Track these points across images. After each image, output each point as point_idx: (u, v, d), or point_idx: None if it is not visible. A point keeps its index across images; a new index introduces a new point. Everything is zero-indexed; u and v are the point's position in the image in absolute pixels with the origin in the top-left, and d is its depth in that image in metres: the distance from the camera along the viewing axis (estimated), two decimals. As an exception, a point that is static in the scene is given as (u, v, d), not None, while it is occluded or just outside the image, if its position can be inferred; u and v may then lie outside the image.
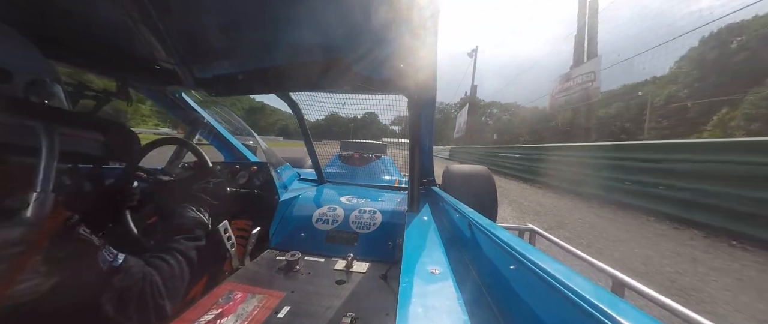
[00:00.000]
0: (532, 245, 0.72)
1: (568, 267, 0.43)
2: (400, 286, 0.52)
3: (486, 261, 0.66)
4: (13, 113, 0.48)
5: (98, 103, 0.99)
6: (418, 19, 0.72)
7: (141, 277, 0.61)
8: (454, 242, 0.87)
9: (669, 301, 0.85)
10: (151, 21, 0.75)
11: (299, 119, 1.64)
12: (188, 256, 0.76)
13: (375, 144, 3.86)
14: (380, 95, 1.29)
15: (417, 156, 1.15)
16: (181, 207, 0.87)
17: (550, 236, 1.54)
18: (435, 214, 1.15)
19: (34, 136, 0.48)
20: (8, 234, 0.43)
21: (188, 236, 0.80)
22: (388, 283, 0.91)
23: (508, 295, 0.53)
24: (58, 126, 0.52)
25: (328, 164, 3.03)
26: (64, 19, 0.79)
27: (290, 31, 0.83)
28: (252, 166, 1.46)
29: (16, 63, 0.53)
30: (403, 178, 2.73)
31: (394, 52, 0.88)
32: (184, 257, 0.74)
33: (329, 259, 1.08)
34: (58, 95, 0.61)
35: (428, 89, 1.06)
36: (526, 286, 0.47)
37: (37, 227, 0.46)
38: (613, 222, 4.12)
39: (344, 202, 1.44)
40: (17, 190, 0.47)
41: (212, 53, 0.98)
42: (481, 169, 2.06)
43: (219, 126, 1.71)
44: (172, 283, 0.69)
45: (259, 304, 0.78)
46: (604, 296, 0.34)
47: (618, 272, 1.05)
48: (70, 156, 0.59)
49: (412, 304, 0.47)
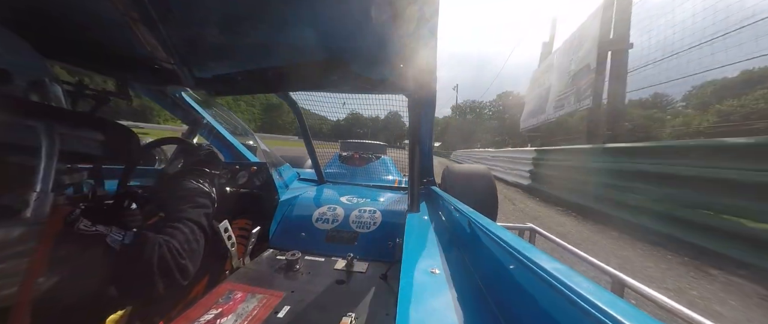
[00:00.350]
0: (532, 245, 0.72)
1: (569, 266, 0.43)
2: (400, 286, 0.52)
3: (486, 260, 0.66)
4: (13, 113, 0.48)
5: (98, 103, 0.99)
6: (418, 19, 0.72)
7: (157, 244, 0.62)
8: (454, 242, 0.87)
9: (669, 301, 0.86)
10: (151, 21, 0.75)
11: (299, 119, 1.64)
12: (198, 221, 0.76)
13: (375, 144, 3.87)
14: (380, 95, 1.29)
15: (417, 156, 1.15)
16: (180, 182, 0.86)
17: (550, 236, 1.54)
18: (435, 214, 1.15)
19: (34, 135, 0.48)
20: (8, 234, 0.43)
21: (192, 205, 0.79)
22: (388, 282, 0.91)
23: (508, 295, 0.53)
24: (58, 126, 0.52)
25: (328, 164, 3.03)
26: (64, 19, 0.79)
27: (290, 31, 0.83)
28: (252, 166, 1.46)
29: (15, 63, 0.53)
30: (403, 178, 2.73)
31: (394, 52, 0.88)
32: (194, 223, 0.74)
33: (329, 258, 1.08)
34: (58, 95, 0.61)
35: (428, 89, 1.06)
36: (526, 285, 0.47)
37: (37, 226, 0.46)
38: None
39: (344, 202, 1.44)
40: (17, 189, 0.47)
41: (212, 53, 0.98)
42: (481, 169, 2.06)
43: (219, 126, 1.71)
44: (188, 245, 0.69)
45: (259, 303, 0.78)
46: (604, 296, 0.34)
47: (618, 272, 1.06)
48: (70, 156, 0.59)
49: (412, 303, 0.47)
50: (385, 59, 0.92)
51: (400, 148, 3.25)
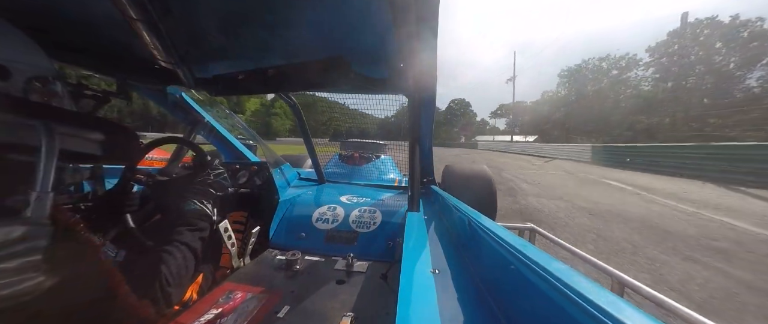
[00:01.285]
0: (532, 244, 0.72)
1: (569, 266, 0.43)
2: (400, 286, 0.52)
3: (486, 260, 0.66)
4: (13, 112, 0.48)
5: (98, 103, 0.99)
6: (418, 19, 0.72)
7: (146, 267, 0.63)
8: (454, 241, 0.87)
9: (669, 301, 0.86)
10: (151, 21, 0.75)
11: (299, 119, 1.64)
12: (192, 246, 0.77)
13: (375, 144, 3.86)
14: (380, 95, 1.29)
15: (417, 155, 1.15)
16: (184, 200, 0.87)
17: (550, 235, 1.54)
18: (435, 214, 1.15)
19: (34, 135, 0.48)
20: (8, 233, 0.43)
21: (191, 228, 0.80)
22: (388, 282, 0.91)
23: (508, 295, 0.53)
24: (58, 125, 0.52)
25: (328, 164, 3.03)
26: (64, 19, 0.79)
27: (290, 31, 0.83)
28: (252, 166, 1.46)
29: (16, 62, 0.53)
30: (403, 178, 2.73)
31: (394, 52, 0.88)
32: (188, 248, 0.76)
33: (329, 258, 1.08)
34: (60, 94, 0.61)
35: (428, 89, 1.06)
36: (526, 285, 0.47)
37: (36, 226, 0.46)
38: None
39: (344, 202, 1.44)
40: (17, 189, 0.47)
41: (212, 53, 0.98)
42: (481, 169, 2.06)
43: (219, 126, 1.71)
44: (177, 271, 0.70)
45: (259, 303, 0.78)
46: (604, 295, 0.34)
47: (618, 272, 1.06)
48: (70, 155, 0.59)
49: (412, 303, 0.47)
50: (385, 59, 0.92)
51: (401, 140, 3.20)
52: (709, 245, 3.02)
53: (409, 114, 1.15)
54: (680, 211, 4.49)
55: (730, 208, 4.69)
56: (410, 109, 1.13)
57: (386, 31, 0.76)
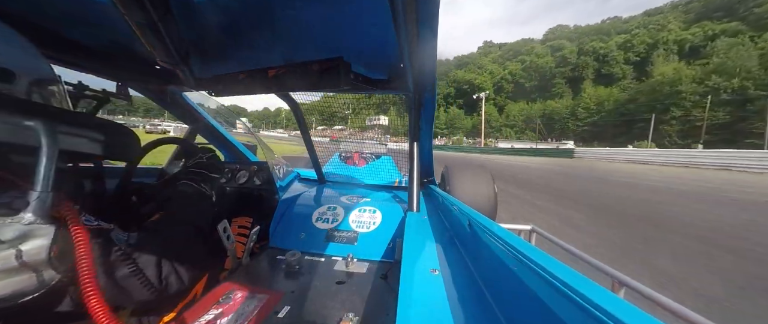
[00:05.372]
0: (532, 244, 0.72)
1: (568, 266, 0.43)
2: (400, 286, 0.52)
3: (486, 260, 0.66)
4: (14, 113, 0.48)
5: (98, 103, 0.99)
6: (418, 20, 0.72)
7: (157, 247, 0.64)
8: (454, 241, 0.87)
9: (669, 301, 0.86)
10: (151, 21, 0.75)
11: (299, 119, 1.64)
12: (196, 224, 0.78)
13: (375, 143, 3.86)
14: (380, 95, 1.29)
15: (417, 155, 1.15)
16: (180, 184, 0.88)
17: (550, 236, 1.54)
18: (435, 214, 1.15)
19: (34, 135, 0.48)
20: (8, 233, 0.43)
21: (192, 208, 0.81)
22: (388, 282, 0.91)
23: (508, 295, 0.53)
24: (58, 125, 0.52)
25: (328, 164, 3.03)
26: (64, 20, 0.79)
27: (291, 32, 0.83)
28: (252, 166, 1.46)
29: (17, 63, 0.53)
30: (403, 178, 2.73)
31: (394, 53, 0.88)
32: (192, 226, 0.77)
33: (329, 258, 1.08)
34: (60, 95, 0.61)
35: (428, 89, 1.06)
36: (526, 285, 0.47)
37: (37, 226, 0.46)
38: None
39: (344, 202, 1.44)
40: (17, 189, 0.47)
41: (212, 53, 0.98)
42: (481, 169, 2.06)
43: (219, 126, 1.71)
44: (185, 249, 0.72)
45: (259, 303, 0.78)
46: (604, 295, 0.34)
47: (618, 272, 1.06)
48: (70, 155, 0.59)
49: (412, 303, 0.47)
50: (385, 60, 0.92)
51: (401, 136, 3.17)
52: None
53: (409, 114, 1.15)
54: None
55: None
56: (410, 109, 1.13)
57: (386, 31, 0.76)
